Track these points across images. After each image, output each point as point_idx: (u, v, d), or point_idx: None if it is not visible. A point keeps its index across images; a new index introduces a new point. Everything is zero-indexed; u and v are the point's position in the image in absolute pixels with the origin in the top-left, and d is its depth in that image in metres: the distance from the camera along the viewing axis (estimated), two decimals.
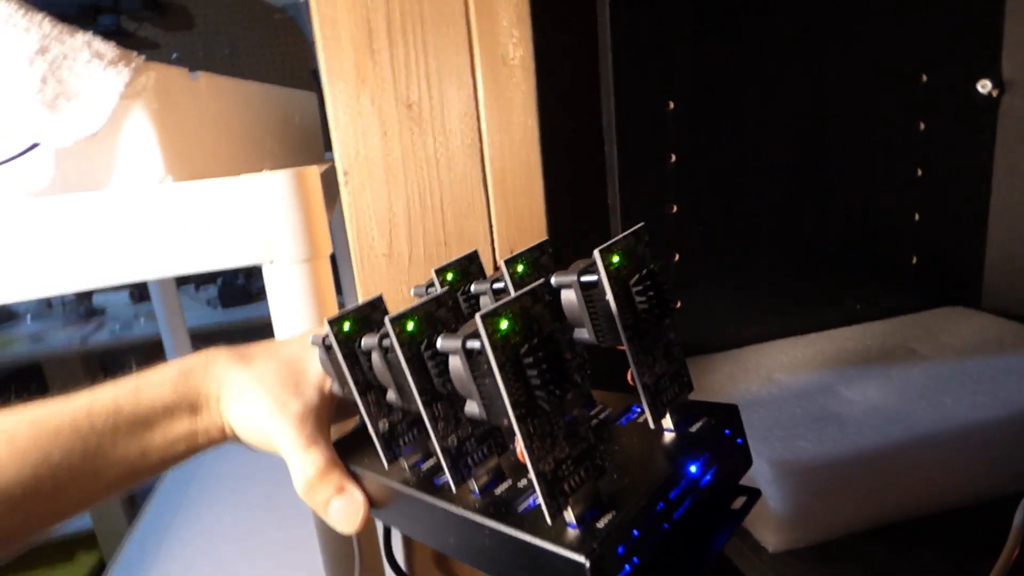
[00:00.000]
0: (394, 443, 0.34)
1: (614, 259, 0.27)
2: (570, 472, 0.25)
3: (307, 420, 0.37)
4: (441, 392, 0.29)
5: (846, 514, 0.44)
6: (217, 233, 0.53)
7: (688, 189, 0.58)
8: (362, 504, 0.36)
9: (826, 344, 0.61)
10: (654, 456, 0.29)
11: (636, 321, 0.28)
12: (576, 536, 0.25)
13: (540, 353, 0.24)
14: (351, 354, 0.33)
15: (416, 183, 0.54)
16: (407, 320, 0.28)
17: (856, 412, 0.48)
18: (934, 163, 0.64)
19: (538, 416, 0.24)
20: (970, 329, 0.60)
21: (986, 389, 0.49)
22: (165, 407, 0.37)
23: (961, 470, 0.45)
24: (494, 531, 0.27)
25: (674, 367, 0.30)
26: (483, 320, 0.23)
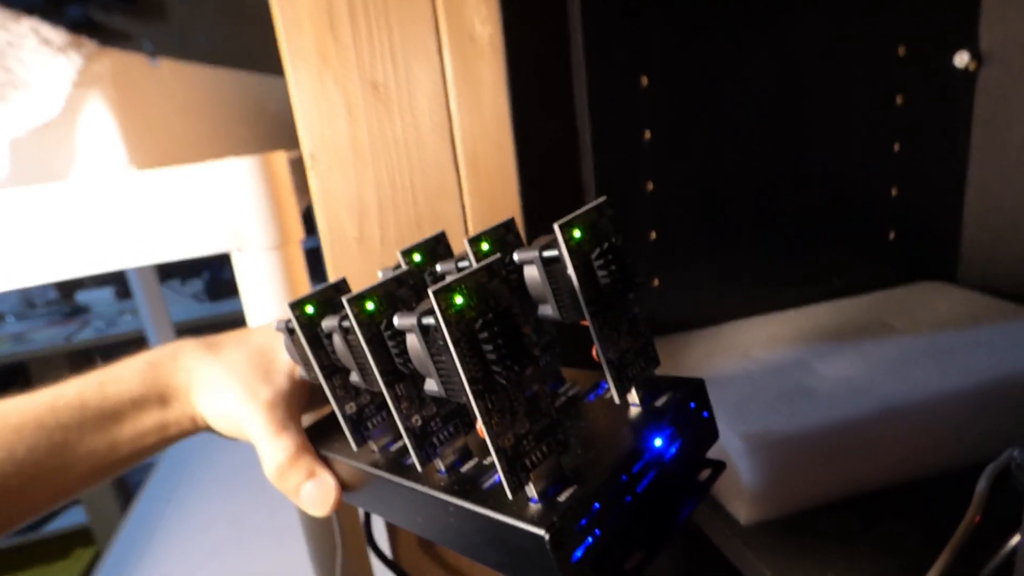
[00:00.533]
0: (362, 426, 0.34)
1: (575, 233, 0.27)
2: (531, 448, 0.25)
3: (277, 407, 0.37)
4: (403, 372, 0.28)
5: (817, 486, 0.44)
6: (183, 221, 0.52)
7: (664, 166, 0.58)
8: (333, 488, 0.36)
9: (802, 320, 0.61)
10: (618, 430, 0.29)
11: (599, 296, 0.27)
12: (537, 510, 0.25)
13: (496, 328, 0.24)
14: (314, 337, 0.32)
15: (385, 165, 0.53)
16: (366, 300, 0.28)
17: (829, 386, 0.48)
18: (911, 137, 0.64)
19: (496, 392, 0.24)
20: (945, 304, 0.61)
21: (957, 361, 0.49)
22: (133, 400, 0.37)
23: (929, 441, 0.46)
24: (459, 508, 0.27)
25: (640, 342, 0.29)
26: (436, 295, 0.23)
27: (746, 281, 0.64)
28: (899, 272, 0.67)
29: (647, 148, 0.57)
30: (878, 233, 0.66)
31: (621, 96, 0.56)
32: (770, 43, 0.59)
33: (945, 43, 0.63)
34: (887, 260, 0.66)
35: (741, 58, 0.58)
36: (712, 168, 0.60)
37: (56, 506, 0.36)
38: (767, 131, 0.61)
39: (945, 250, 0.67)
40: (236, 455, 1.47)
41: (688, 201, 0.60)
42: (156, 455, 0.39)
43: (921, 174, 0.65)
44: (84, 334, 1.91)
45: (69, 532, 2.02)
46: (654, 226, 0.60)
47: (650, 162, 0.58)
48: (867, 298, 0.64)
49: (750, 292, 0.64)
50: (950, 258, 0.67)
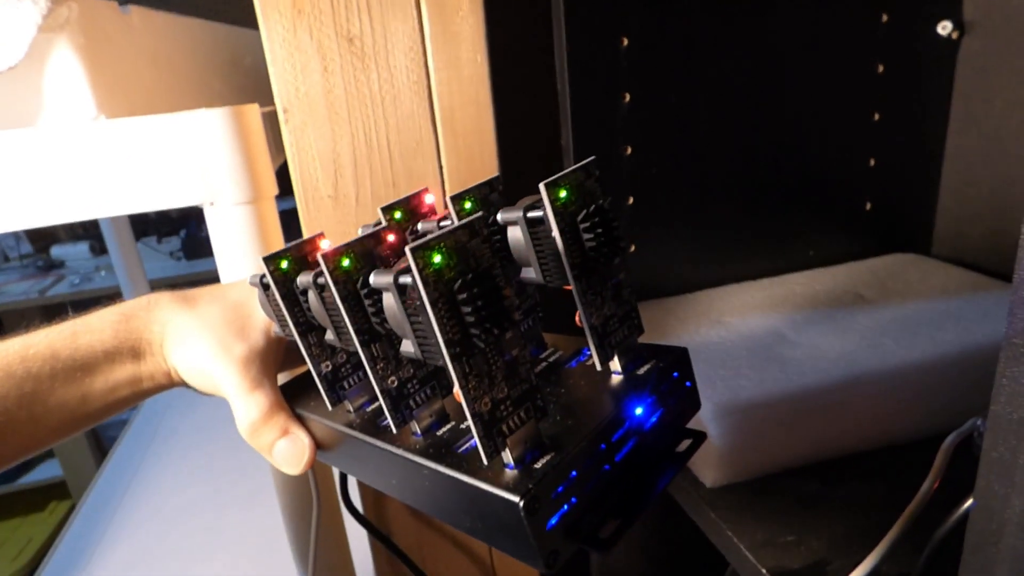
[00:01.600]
0: (338, 385, 0.34)
1: (561, 193, 0.26)
2: (509, 413, 0.24)
3: (252, 363, 0.36)
4: (379, 331, 0.28)
5: (783, 451, 0.45)
6: (153, 173, 0.51)
7: (642, 130, 0.57)
8: (307, 446, 0.35)
9: (776, 289, 0.61)
10: (599, 398, 0.28)
11: (584, 259, 0.26)
12: (513, 476, 0.24)
13: (475, 289, 0.23)
14: (289, 293, 0.32)
15: (361, 121, 0.52)
16: (342, 256, 0.27)
17: (799, 354, 0.48)
18: (891, 107, 0.64)
19: (474, 355, 0.23)
20: (917, 275, 0.61)
21: (925, 332, 0.49)
22: (105, 352, 0.36)
23: (896, 408, 0.46)
24: (433, 471, 0.27)
25: (624, 309, 0.29)
26: (413, 253, 0.22)
27: (721, 249, 0.63)
28: (874, 243, 0.67)
29: (626, 111, 0.56)
30: (855, 204, 0.66)
31: (601, 57, 0.55)
32: (752, 8, 0.57)
33: (928, 12, 0.62)
34: (862, 231, 0.67)
35: (722, 23, 0.57)
36: (690, 134, 0.59)
37: (26, 457, 0.36)
38: (747, 98, 0.60)
39: (920, 222, 0.67)
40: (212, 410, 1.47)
41: (666, 167, 0.59)
42: (131, 409, 0.38)
43: (900, 145, 0.65)
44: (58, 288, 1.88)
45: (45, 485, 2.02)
46: (631, 192, 0.59)
47: (628, 126, 0.57)
48: (841, 268, 0.64)
49: (725, 260, 0.64)
50: (924, 230, 0.67)
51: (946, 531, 0.31)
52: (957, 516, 0.31)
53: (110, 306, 0.38)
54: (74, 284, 1.88)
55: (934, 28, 0.62)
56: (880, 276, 0.61)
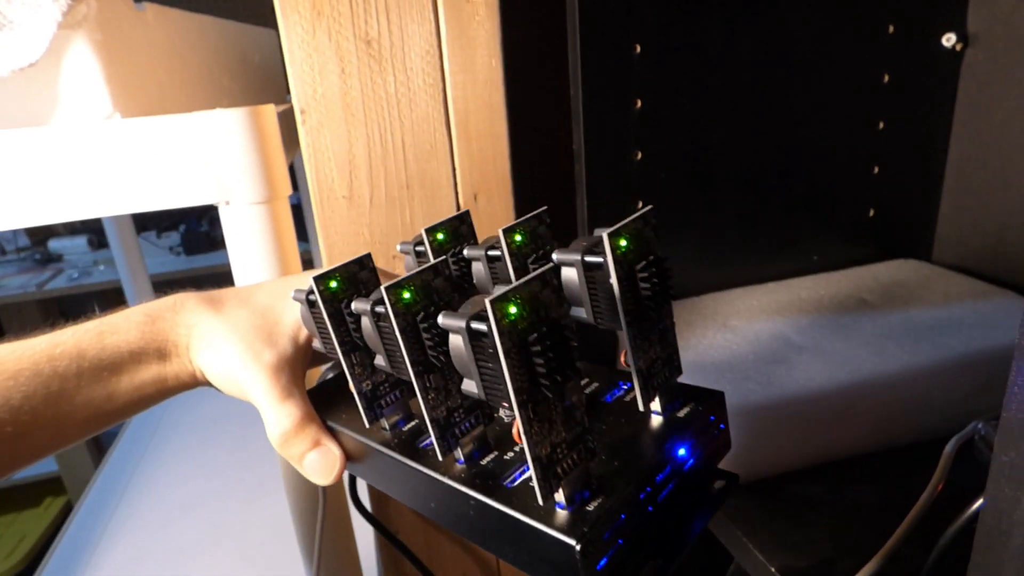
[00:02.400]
0: (376, 403, 0.34)
1: (621, 242, 0.27)
2: (564, 455, 0.25)
3: (282, 371, 0.36)
4: (434, 364, 0.28)
5: (790, 453, 0.46)
6: (169, 172, 0.51)
7: (653, 136, 0.58)
8: (338, 458, 0.36)
9: (782, 293, 0.62)
10: (643, 439, 0.29)
11: (637, 306, 0.28)
12: (566, 518, 0.25)
13: (548, 341, 0.24)
14: (337, 313, 0.32)
15: (376, 123, 0.52)
16: (403, 289, 0.27)
17: (805, 357, 0.49)
18: (896, 116, 0.65)
19: (539, 403, 0.24)
20: (919, 281, 0.62)
21: (928, 337, 0.51)
22: (131, 352, 0.36)
23: (899, 412, 0.47)
24: (480, 503, 0.28)
25: (667, 351, 0.30)
26: (492, 305, 0.22)
27: (728, 254, 0.64)
28: (876, 249, 0.68)
29: (637, 117, 0.57)
30: (858, 211, 0.67)
31: (614, 64, 0.56)
32: (762, 18, 0.58)
33: (934, 24, 0.63)
34: (866, 237, 0.68)
35: (733, 32, 0.58)
36: (700, 141, 0.60)
37: (51, 453, 0.36)
38: (755, 106, 0.61)
39: (921, 229, 0.69)
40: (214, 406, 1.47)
41: (675, 173, 0.60)
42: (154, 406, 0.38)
43: (903, 153, 0.66)
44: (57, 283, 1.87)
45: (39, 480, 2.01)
46: (641, 196, 0.60)
47: (639, 132, 0.58)
48: (844, 274, 0.65)
49: (731, 265, 0.65)
50: (926, 237, 0.69)
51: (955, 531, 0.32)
52: (966, 516, 0.32)
53: (135, 307, 0.38)
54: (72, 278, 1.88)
55: (939, 40, 0.63)
56: (883, 282, 0.62)
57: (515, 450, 0.30)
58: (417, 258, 0.38)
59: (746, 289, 0.64)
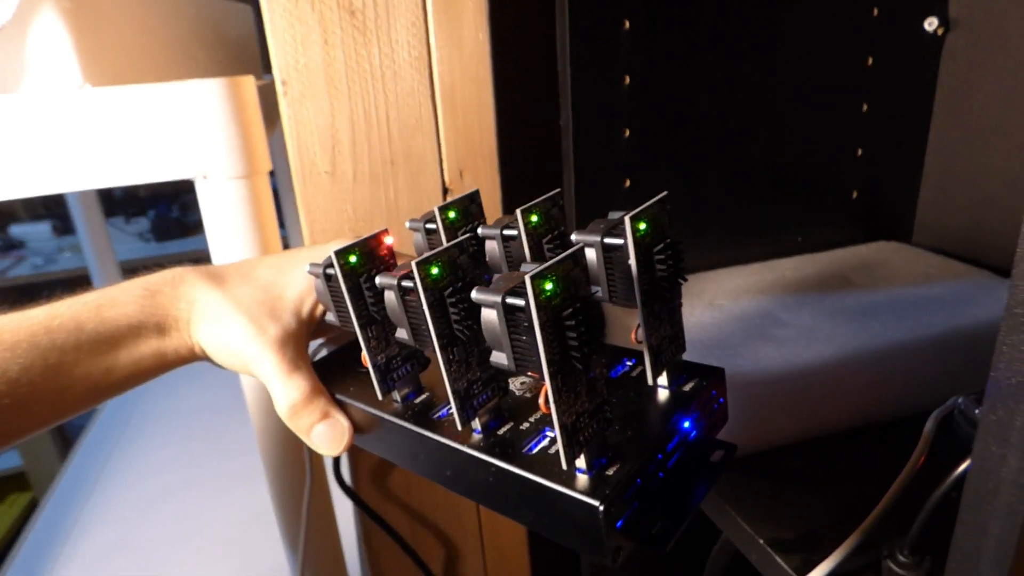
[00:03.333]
0: (388, 376, 0.36)
1: (640, 226, 0.29)
2: (586, 424, 0.27)
3: (287, 345, 0.37)
4: (459, 338, 0.30)
5: (778, 428, 0.47)
6: (144, 144, 0.50)
7: (641, 113, 0.58)
8: (346, 429, 0.37)
9: (767, 273, 0.63)
10: (652, 411, 0.32)
11: (652, 287, 0.30)
12: (588, 482, 0.28)
13: (580, 317, 0.25)
14: (355, 287, 0.33)
15: (360, 96, 0.52)
16: (432, 265, 0.29)
17: (792, 334, 0.50)
18: (879, 99, 0.66)
19: (569, 374, 0.26)
20: (901, 262, 0.63)
21: (910, 315, 0.52)
22: (130, 326, 0.36)
23: (883, 387, 0.48)
24: (502, 470, 0.30)
25: (675, 330, 0.32)
26: (532, 280, 0.24)
27: (715, 234, 0.65)
28: (859, 231, 0.69)
29: (626, 94, 0.58)
30: (842, 193, 0.68)
31: (603, 39, 0.56)
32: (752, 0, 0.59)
33: (917, 8, 0.64)
34: (849, 219, 0.69)
35: (722, 13, 0.59)
36: (687, 120, 0.61)
37: (50, 426, 0.36)
38: (742, 87, 0.62)
39: (903, 211, 0.70)
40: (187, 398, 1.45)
41: (662, 152, 0.61)
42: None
43: (886, 136, 0.67)
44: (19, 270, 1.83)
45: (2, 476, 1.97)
46: (628, 174, 0.60)
47: (628, 109, 0.58)
48: (828, 255, 0.66)
49: (718, 245, 0.65)
50: (907, 219, 0.70)
51: (940, 494, 0.33)
52: (952, 479, 0.32)
53: (132, 280, 0.38)
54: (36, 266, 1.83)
55: (921, 24, 0.64)
56: (866, 262, 0.63)
57: (530, 420, 0.32)
58: (427, 236, 0.38)
59: (732, 269, 0.64)
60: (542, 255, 0.34)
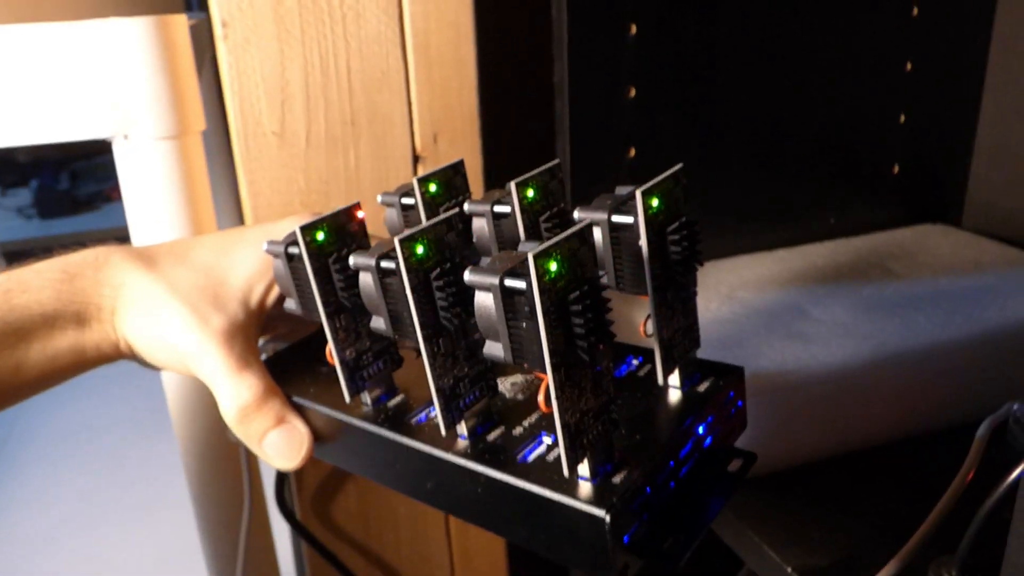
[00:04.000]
0: (358, 374, 0.36)
1: (653, 202, 0.29)
2: (591, 425, 0.28)
3: (234, 338, 0.37)
4: (445, 328, 0.31)
5: (807, 441, 0.49)
6: (51, 95, 0.51)
7: (649, 69, 0.60)
8: (305, 437, 0.37)
9: (795, 261, 0.65)
10: (662, 414, 0.33)
11: (664, 272, 0.30)
12: (592, 490, 0.28)
13: (587, 301, 0.26)
14: (322, 269, 0.34)
15: (316, 42, 0.53)
16: (416, 242, 0.29)
17: (823, 331, 0.53)
18: (925, 56, 0.68)
19: (573, 366, 0.27)
20: (949, 248, 0.66)
21: (960, 308, 0.54)
22: (44, 316, 0.36)
23: (929, 392, 0.51)
24: (493, 480, 0.30)
25: (688, 322, 0.33)
26: (535, 259, 0.25)
27: (734, 215, 0.67)
28: (901, 212, 0.72)
29: (632, 46, 0.59)
30: (882, 166, 0.71)
31: None
32: None
33: None
34: (889, 198, 0.72)
35: None
36: (703, 79, 0.63)
37: None
38: (768, 40, 0.63)
39: (951, 189, 0.73)
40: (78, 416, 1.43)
41: (674, 116, 0.63)
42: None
43: (933, 100, 0.70)
44: None
45: None
46: (634, 142, 0.62)
47: (634, 64, 0.60)
48: (865, 239, 0.69)
49: (738, 228, 0.67)
50: (956, 199, 0.73)
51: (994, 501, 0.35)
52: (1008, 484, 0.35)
53: (48, 259, 0.38)
54: None
55: None
56: (908, 248, 0.66)
57: (524, 425, 0.33)
58: (403, 212, 0.39)
59: (754, 256, 0.67)
60: (539, 235, 0.35)
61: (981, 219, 0.73)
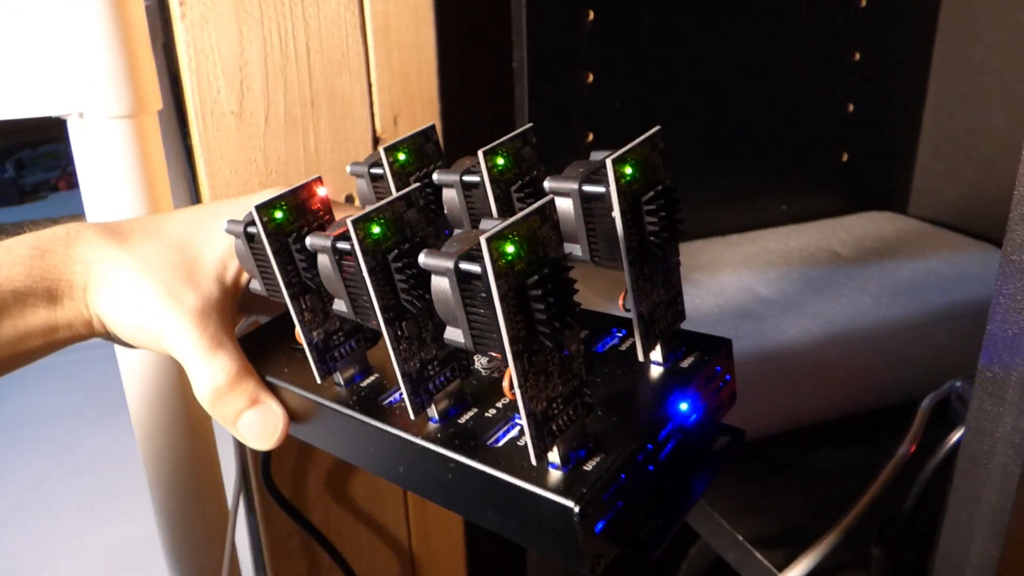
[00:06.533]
0: (328, 355, 0.36)
1: (626, 170, 0.28)
2: (559, 411, 0.27)
3: (209, 317, 0.37)
4: (408, 310, 0.30)
5: (759, 416, 0.51)
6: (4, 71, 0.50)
7: (607, 55, 0.61)
8: (281, 418, 0.37)
9: (748, 245, 0.67)
10: (643, 392, 0.31)
11: (641, 243, 0.29)
12: (561, 479, 0.27)
13: (549, 285, 0.25)
14: (283, 248, 0.33)
15: (276, 22, 0.53)
16: (372, 223, 0.28)
17: (774, 310, 0.54)
18: (873, 47, 0.71)
19: (536, 353, 0.25)
20: (894, 234, 0.69)
21: (905, 291, 0.57)
22: (14, 292, 0.36)
23: (874, 370, 0.53)
24: (462, 466, 0.29)
25: (671, 294, 0.32)
26: (489, 243, 0.23)
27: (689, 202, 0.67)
28: (849, 200, 0.75)
29: (590, 31, 0.60)
30: (831, 154, 0.73)
31: None
32: None
33: None
34: (838, 186, 0.74)
35: None
36: (660, 67, 0.64)
37: None
38: (722, 31, 0.65)
39: (898, 177, 0.76)
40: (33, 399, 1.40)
41: (630, 101, 0.64)
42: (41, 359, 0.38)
43: (881, 89, 0.72)
44: None
45: None
46: (591, 127, 0.63)
47: (592, 49, 0.61)
48: (815, 225, 0.71)
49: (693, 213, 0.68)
50: (902, 187, 0.76)
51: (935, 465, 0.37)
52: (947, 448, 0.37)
53: (18, 236, 0.37)
54: None
55: None
56: (856, 234, 0.69)
57: (497, 406, 0.32)
58: (372, 182, 0.38)
59: (709, 241, 0.68)
60: (511, 206, 0.33)
61: (926, 207, 0.75)
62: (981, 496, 0.30)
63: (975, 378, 0.29)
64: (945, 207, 0.73)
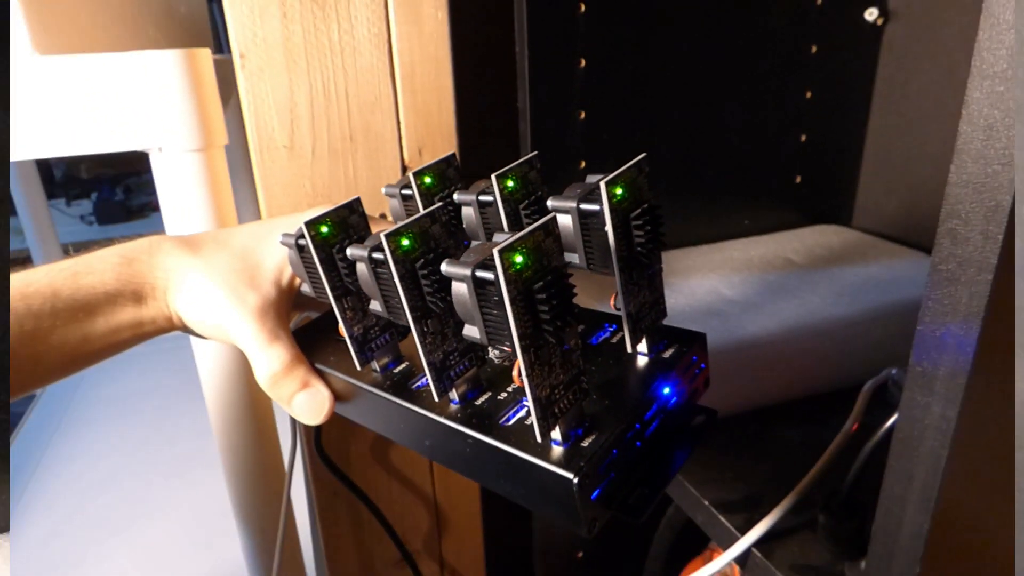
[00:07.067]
0: (366, 347, 0.35)
1: (617, 191, 0.28)
2: (561, 396, 0.27)
3: (267, 314, 0.37)
4: (432, 310, 0.29)
5: (723, 398, 0.49)
6: (99, 114, 0.49)
7: (596, 96, 0.59)
8: (327, 398, 0.37)
9: (715, 254, 0.65)
10: (631, 379, 0.32)
11: (629, 253, 0.29)
12: (563, 454, 0.27)
13: (552, 290, 0.25)
14: (328, 258, 0.33)
15: (319, 71, 0.52)
16: (402, 236, 0.28)
17: (736, 309, 0.53)
18: (822, 87, 0.69)
19: (541, 347, 0.26)
20: (840, 244, 0.67)
21: (847, 292, 0.55)
22: (107, 294, 0.35)
23: (823, 359, 0.51)
24: (478, 441, 0.29)
25: (655, 296, 0.32)
26: (500, 254, 0.23)
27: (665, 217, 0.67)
28: (802, 215, 0.72)
29: (582, 76, 0.59)
30: (786, 177, 0.71)
31: (559, 22, 0.57)
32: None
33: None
34: (793, 203, 0.72)
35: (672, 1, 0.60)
36: (641, 104, 0.62)
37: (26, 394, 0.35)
38: (692, 74, 0.63)
39: (843, 196, 0.73)
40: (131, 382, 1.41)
41: (617, 134, 0.62)
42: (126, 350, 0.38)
43: (829, 122, 0.70)
44: None
45: None
46: (584, 156, 0.62)
47: (584, 91, 0.59)
48: (773, 237, 0.69)
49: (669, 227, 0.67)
50: (847, 204, 0.73)
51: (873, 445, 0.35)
52: (884, 430, 0.35)
53: (109, 247, 0.37)
54: None
55: (862, 14, 0.67)
56: (808, 244, 0.66)
57: (508, 390, 0.32)
58: (403, 202, 0.38)
59: (682, 250, 0.66)
60: (519, 221, 0.33)
61: (868, 221, 0.73)
62: (913, 474, 0.28)
63: (907, 372, 0.27)
64: (884, 221, 0.71)
